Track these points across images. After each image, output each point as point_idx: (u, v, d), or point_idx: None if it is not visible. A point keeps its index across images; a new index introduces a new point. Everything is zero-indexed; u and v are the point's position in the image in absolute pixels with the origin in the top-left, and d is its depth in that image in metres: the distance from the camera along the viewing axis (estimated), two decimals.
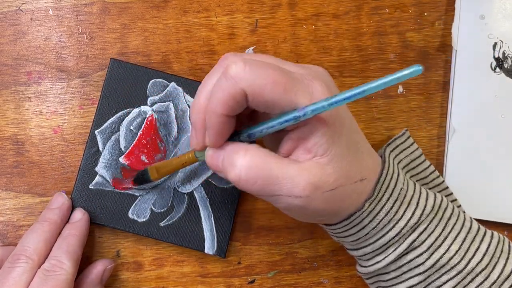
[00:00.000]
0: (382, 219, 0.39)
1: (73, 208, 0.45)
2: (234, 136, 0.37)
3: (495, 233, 0.41)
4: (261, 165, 0.34)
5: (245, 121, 0.38)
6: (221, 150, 0.36)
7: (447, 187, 0.47)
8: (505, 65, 0.48)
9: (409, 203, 0.39)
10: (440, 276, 0.39)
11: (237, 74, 0.33)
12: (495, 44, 0.48)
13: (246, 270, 0.48)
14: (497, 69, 0.48)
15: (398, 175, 0.40)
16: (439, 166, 0.49)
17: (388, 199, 0.39)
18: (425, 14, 0.50)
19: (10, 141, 0.47)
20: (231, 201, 0.46)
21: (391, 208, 0.39)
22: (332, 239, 0.48)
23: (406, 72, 0.28)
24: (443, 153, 0.49)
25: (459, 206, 0.47)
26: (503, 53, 0.48)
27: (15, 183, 0.47)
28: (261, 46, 0.48)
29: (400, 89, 0.49)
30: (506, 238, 0.42)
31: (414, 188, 0.40)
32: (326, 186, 0.35)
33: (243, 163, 0.34)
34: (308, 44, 0.49)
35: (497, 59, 0.48)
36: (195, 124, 0.37)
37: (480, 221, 0.47)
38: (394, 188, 0.39)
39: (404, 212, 0.39)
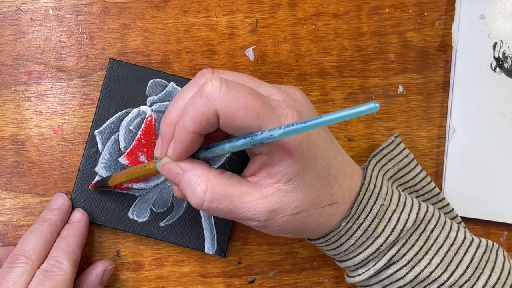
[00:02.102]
0: (360, 237, 0.39)
1: (73, 208, 0.45)
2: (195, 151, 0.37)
3: (484, 241, 0.41)
4: (222, 198, 0.35)
5: (215, 141, 0.38)
6: (179, 169, 0.36)
7: (439, 193, 0.46)
8: (505, 65, 0.48)
9: (389, 219, 0.39)
10: None
11: (212, 94, 0.32)
12: (495, 44, 0.48)
13: (246, 270, 0.48)
14: (497, 69, 0.48)
15: (380, 189, 0.39)
16: (439, 166, 0.48)
17: (366, 217, 0.38)
18: (425, 14, 0.50)
19: (10, 141, 0.47)
20: None
21: (369, 225, 0.39)
22: None
23: (363, 108, 0.28)
24: (443, 153, 0.49)
25: (451, 211, 0.46)
26: (503, 53, 0.48)
27: (15, 183, 0.47)
28: (261, 46, 0.48)
29: (400, 89, 0.49)
30: (495, 245, 0.41)
31: (398, 202, 0.40)
32: (286, 211, 0.35)
33: (205, 196, 0.35)
34: (308, 44, 0.49)
35: (497, 59, 0.48)
36: (163, 135, 0.37)
37: (480, 221, 0.47)
38: (373, 205, 0.39)
39: (384, 229, 0.39)
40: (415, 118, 0.49)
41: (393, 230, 0.39)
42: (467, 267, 0.39)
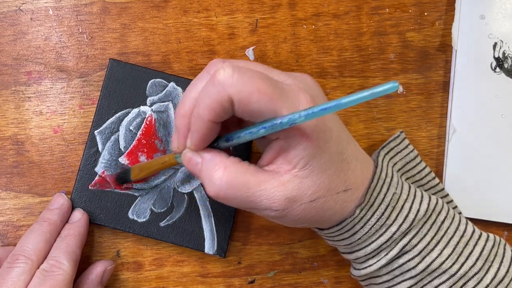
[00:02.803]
0: (374, 225, 0.39)
1: (73, 208, 0.45)
2: (213, 141, 0.37)
3: (491, 235, 0.41)
4: (239, 184, 0.35)
5: (232, 128, 0.38)
6: (199, 157, 0.36)
7: (443, 189, 0.47)
8: (505, 65, 0.48)
9: (401, 208, 0.39)
10: (432, 280, 0.39)
11: (225, 80, 0.33)
12: (495, 44, 0.48)
13: (246, 270, 0.48)
14: (497, 69, 0.48)
15: (392, 179, 0.40)
16: (439, 166, 0.48)
17: (380, 204, 0.39)
18: (425, 14, 0.50)
19: (10, 141, 0.47)
20: None
21: (383, 213, 0.39)
22: None
23: (381, 88, 0.28)
24: (443, 153, 0.49)
25: (455, 207, 0.47)
26: (503, 53, 0.48)
27: (15, 183, 0.47)
28: (261, 46, 0.48)
29: (400, 89, 0.49)
30: (502, 240, 0.42)
31: (409, 192, 0.40)
32: (304, 199, 0.35)
33: (221, 183, 0.35)
34: (308, 44, 0.49)
35: (497, 59, 0.48)
36: (178, 128, 0.37)
37: (480, 221, 0.47)
38: (386, 193, 0.39)
39: (396, 217, 0.39)
40: (415, 118, 0.49)
41: (405, 218, 0.39)
42: (477, 259, 0.39)
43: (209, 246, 0.46)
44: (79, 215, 0.45)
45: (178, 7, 0.48)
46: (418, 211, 0.39)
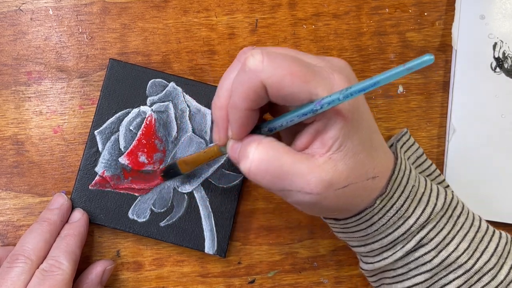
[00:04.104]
0: (392, 216, 0.39)
1: (73, 208, 0.45)
2: (255, 129, 0.37)
3: (504, 233, 0.41)
4: (272, 159, 0.34)
5: (266, 112, 0.38)
6: (240, 142, 0.36)
7: (448, 186, 0.47)
8: (505, 65, 0.48)
9: (419, 201, 0.39)
10: (447, 275, 0.39)
11: (255, 67, 0.33)
12: (495, 44, 0.48)
13: (246, 270, 0.48)
14: (497, 69, 0.48)
15: (410, 171, 0.40)
16: (439, 166, 0.48)
17: (400, 196, 0.38)
18: (425, 14, 0.50)
19: (10, 141, 0.47)
20: (231, 201, 0.46)
21: (402, 205, 0.38)
22: (331, 240, 0.48)
23: (417, 62, 0.28)
24: (443, 153, 0.49)
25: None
26: (503, 53, 0.48)
27: (15, 183, 0.47)
28: (261, 46, 0.48)
29: (400, 89, 0.49)
30: None
31: (425, 185, 0.40)
32: (338, 184, 0.35)
33: (254, 156, 0.34)
34: (308, 44, 0.49)
35: (497, 59, 0.48)
36: (216, 121, 0.37)
37: None
38: (406, 185, 0.39)
39: (414, 209, 0.39)
40: (415, 118, 0.49)
41: (423, 211, 0.39)
42: (492, 255, 0.39)
43: (209, 246, 0.46)
44: (79, 215, 0.45)
45: (178, 7, 0.48)
46: (435, 204, 0.39)
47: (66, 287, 0.40)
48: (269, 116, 0.40)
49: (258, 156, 0.34)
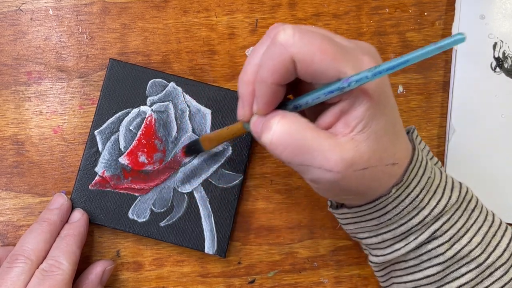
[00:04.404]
0: (407, 206, 0.38)
1: (73, 208, 0.45)
2: (280, 107, 0.36)
3: None
4: (294, 132, 0.34)
5: (289, 93, 0.38)
6: (263, 117, 0.36)
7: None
8: (505, 65, 0.48)
9: (434, 192, 0.39)
10: (460, 268, 0.39)
11: (286, 41, 0.33)
12: (495, 44, 0.48)
13: (246, 270, 0.48)
14: (497, 69, 0.48)
15: (426, 163, 0.39)
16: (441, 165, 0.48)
17: (415, 186, 0.38)
18: (425, 14, 0.50)
19: (10, 141, 0.47)
20: (231, 201, 0.46)
21: (417, 195, 0.38)
22: (331, 240, 0.48)
23: (448, 41, 0.28)
24: (443, 153, 0.49)
25: None
26: (503, 53, 0.48)
27: (15, 183, 0.47)
28: None
29: (400, 89, 0.49)
30: None
31: (441, 177, 0.40)
32: (359, 165, 0.34)
33: (277, 128, 0.34)
34: None
35: (497, 59, 0.48)
36: (242, 96, 0.37)
37: None
38: (422, 176, 0.38)
39: (429, 201, 0.38)
40: (415, 118, 0.49)
41: (438, 203, 0.38)
42: (504, 250, 0.39)
43: (209, 246, 0.46)
44: (78, 215, 0.45)
45: (178, 7, 0.48)
46: (450, 197, 0.39)
47: (66, 287, 0.40)
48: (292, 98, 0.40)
49: (280, 128, 0.34)
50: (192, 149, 0.45)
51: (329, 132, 0.35)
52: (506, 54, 0.48)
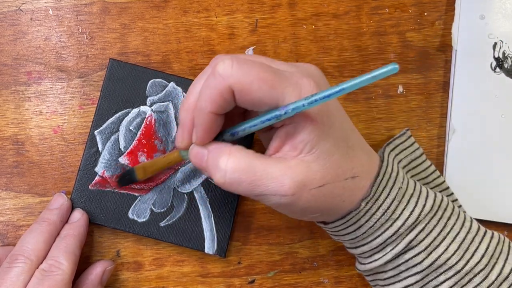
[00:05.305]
0: (379, 219, 0.39)
1: (72, 208, 0.45)
2: (218, 135, 0.37)
3: (495, 233, 0.41)
4: (245, 168, 0.35)
5: (237, 121, 0.39)
6: (205, 149, 0.37)
7: (447, 187, 0.47)
8: (505, 65, 0.48)
9: (407, 203, 0.39)
10: (438, 276, 0.39)
11: (224, 72, 0.33)
12: (495, 44, 0.48)
13: (246, 270, 0.48)
14: (497, 69, 0.48)
15: (397, 174, 0.40)
16: (439, 166, 0.48)
17: (386, 198, 0.39)
18: (425, 14, 0.50)
19: (10, 141, 0.47)
20: (231, 201, 0.47)
21: (389, 207, 0.39)
22: (331, 240, 0.48)
23: (382, 70, 0.29)
24: (443, 153, 0.49)
25: (459, 206, 0.47)
26: (503, 53, 0.48)
27: (15, 183, 0.47)
28: (261, 46, 0.48)
29: (400, 89, 0.49)
30: (506, 238, 0.42)
31: (414, 187, 0.40)
32: (313, 184, 0.35)
33: (227, 167, 0.35)
34: (308, 44, 0.49)
35: (497, 59, 0.48)
36: (182, 122, 0.38)
37: (480, 221, 0.47)
38: (392, 188, 0.39)
39: (402, 211, 0.39)
40: (415, 118, 0.49)
41: (411, 213, 0.39)
42: (482, 256, 0.39)
43: (209, 246, 0.46)
44: (78, 215, 0.45)
45: (178, 7, 0.48)
46: (424, 206, 0.39)
47: (66, 287, 0.40)
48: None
49: (231, 166, 0.35)
50: (126, 179, 0.45)
51: (278, 157, 0.36)
52: (506, 54, 0.48)
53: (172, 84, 0.46)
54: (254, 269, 0.48)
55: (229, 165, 0.35)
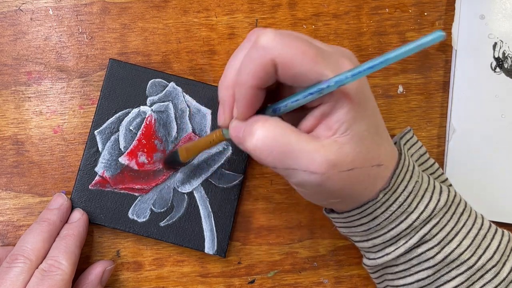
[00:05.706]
0: (395, 211, 0.39)
1: (72, 208, 0.45)
2: (259, 112, 0.36)
3: (506, 231, 0.41)
4: (278, 136, 0.34)
5: (270, 99, 0.38)
6: (243, 122, 0.36)
7: (451, 185, 0.47)
8: (505, 65, 0.48)
9: (422, 196, 0.39)
10: (450, 271, 0.39)
11: (267, 44, 0.33)
12: (495, 44, 0.48)
13: (246, 270, 0.48)
14: (497, 69, 0.48)
15: (414, 168, 0.40)
16: (439, 166, 0.48)
17: (403, 191, 0.38)
18: (425, 14, 0.50)
19: (10, 141, 0.47)
20: (231, 201, 0.47)
21: (405, 200, 0.38)
22: (331, 240, 0.48)
23: (428, 38, 0.28)
24: (443, 153, 0.49)
25: None
26: (503, 53, 0.48)
27: (15, 183, 0.47)
28: None
29: (400, 89, 0.49)
30: None
31: (429, 182, 0.40)
32: (343, 166, 0.34)
33: (261, 133, 0.34)
34: None
35: (497, 59, 0.48)
36: (223, 100, 0.37)
37: None
38: (409, 181, 0.39)
39: (417, 205, 0.39)
40: (415, 118, 0.49)
41: (426, 207, 0.39)
42: (494, 253, 0.39)
43: (209, 246, 0.46)
44: (78, 215, 0.45)
45: (178, 7, 0.48)
46: (438, 200, 0.39)
47: (65, 287, 0.40)
48: None
49: (264, 133, 0.34)
50: (171, 160, 0.45)
51: (311, 135, 0.35)
52: (506, 54, 0.48)
53: (172, 84, 0.46)
54: (254, 269, 0.48)
55: (263, 131, 0.34)
